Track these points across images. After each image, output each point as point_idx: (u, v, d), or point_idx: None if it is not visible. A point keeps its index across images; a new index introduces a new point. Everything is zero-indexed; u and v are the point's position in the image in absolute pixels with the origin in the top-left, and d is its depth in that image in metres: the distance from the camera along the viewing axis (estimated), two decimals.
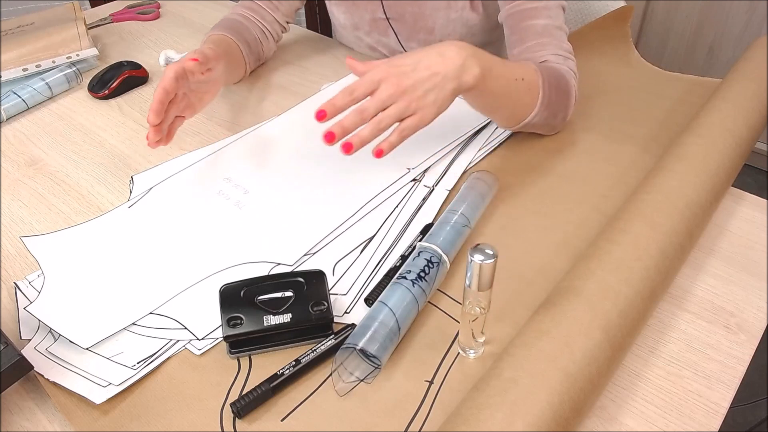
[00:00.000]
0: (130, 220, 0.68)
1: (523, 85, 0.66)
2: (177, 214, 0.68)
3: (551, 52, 0.73)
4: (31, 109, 0.90)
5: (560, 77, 0.71)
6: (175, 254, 0.63)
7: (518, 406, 0.40)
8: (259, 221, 0.66)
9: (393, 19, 0.91)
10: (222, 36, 0.86)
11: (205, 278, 0.60)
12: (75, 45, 0.97)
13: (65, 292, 0.59)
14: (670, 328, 0.54)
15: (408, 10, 0.89)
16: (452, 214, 0.61)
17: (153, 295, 0.58)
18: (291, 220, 0.66)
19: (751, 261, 0.60)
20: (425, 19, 0.88)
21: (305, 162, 0.75)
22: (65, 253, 0.64)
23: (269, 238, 0.64)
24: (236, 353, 0.53)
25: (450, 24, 0.88)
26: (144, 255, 0.63)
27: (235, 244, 0.63)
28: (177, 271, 0.61)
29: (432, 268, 0.55)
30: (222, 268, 0.61)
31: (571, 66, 0.74)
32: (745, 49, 0.78)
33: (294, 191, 0.70)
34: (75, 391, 0.50)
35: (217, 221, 0.67)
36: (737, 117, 0.64)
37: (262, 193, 0.70)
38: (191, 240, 0.64)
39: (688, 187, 0.56)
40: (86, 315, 0.56)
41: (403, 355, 0.52)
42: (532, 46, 0.74)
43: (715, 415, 0.47)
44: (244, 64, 0.89)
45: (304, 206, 0.68)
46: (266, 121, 0.83)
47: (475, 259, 0.44)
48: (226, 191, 0.71)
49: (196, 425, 0.48)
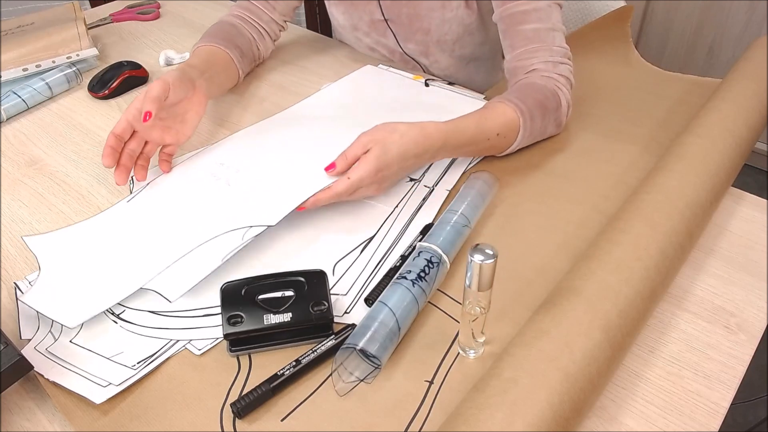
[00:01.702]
0: (128, 213, 0.69)
1: (496, 139, 0.69)
2: (173, 201, 0.69)
3: (541, 60, 0.73)
4: (31, 109, 0.90)
5: (545, 97, 0.71)
6: (167, 234, 0.64)
7: (518, 406, 0.40)
8: (245, 193, 0.67)
9: (391, 20, 0.91)
10: (209, 48, 0.85)
11: (191, 250, 0.61)
12: (75, 45, 0.97)
13: (59, 283, 0.60)
14: (670, 328, 0.54)
15: (404, 11, 0.89)
16: (452, 214, 0.61)
17: (141, 273, 0.59)
18: (275, 187, 0.67)
19: (751, 261, 0.60)
20: (421, 20, 0.88)
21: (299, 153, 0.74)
22: (64, 251, 0.64)
23: (254, 203, 0.65)
24: (236, 351, 0.53)
25: (446, 24, 0.88)
26: (138, 241, 0.64)
27: (222, 215, 0.64)
28: (166, 248, 0.62)
29: (432, 268, 0.55)
30: (208, 239, 0.62)
31: (563, 71, 0.73)
32: (745, 49, 0.78)
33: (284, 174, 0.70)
34: (75, 391, 0.50)
35: (208, 199, 0.68)
36: (737, 117, 0.64)
37: (253, 171, 0.71)
38: (182, 219, 0.65)
39: (688, 187, 0.56)
40: (74, 297, 0.57)
41: (403, 355, 0.52)
42: (521, 54, 0.74)
43: (715, 415, 0.47)
44: (236, 70, 0.88)
45: (289, 174, 0.69)
46: (264, 117, 0.84)
47: (475, 259, 0.44)
48: (219, 173, 0.72)
49: (196, 425, 0.48)
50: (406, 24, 0.90)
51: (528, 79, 0.73)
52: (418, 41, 0.92)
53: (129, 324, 0.56)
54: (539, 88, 0.72)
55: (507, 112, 0.69)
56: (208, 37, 0.87)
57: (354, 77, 0.92)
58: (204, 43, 0.86)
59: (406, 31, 0.91)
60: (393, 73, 0.92)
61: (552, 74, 0.73)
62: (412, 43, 0.93)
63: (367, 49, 1.00)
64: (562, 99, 0.73)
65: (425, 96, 0.85)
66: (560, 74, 0.73)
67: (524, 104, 0.69)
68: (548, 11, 0.73)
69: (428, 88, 0.87)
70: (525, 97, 0.70)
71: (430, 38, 0.91)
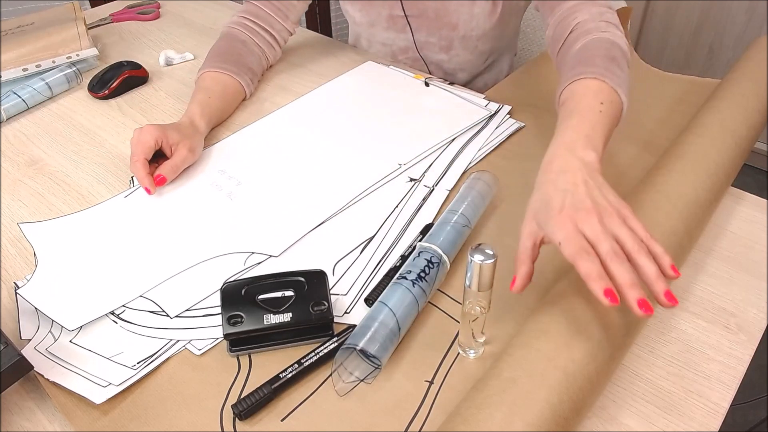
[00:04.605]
0: (125, 209, 0.69)
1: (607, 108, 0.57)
2: (171, 203, 0.69)
3: (584, 13, 0.66)
4: (31, 109, 0.90)
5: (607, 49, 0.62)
6: (167, 242, 0.64)
7: (517, 406, 0.40)
8: (249, 212, 0.67)
9: (412, 16, 0.90)
10: (218, 76, 0.82)
11: (193, 266, 0.61)
12: (75, 45, 0.97)
13: (56, 277, 0.60)
14: (670, 328, 0.54)
15: (430, 5, 0.88)
16: (452, 214, 0.61)
17: (141, 280, 0.59)
18: (280, 211, 0.67)
19: (751, 261, 0.60)
20: (449, 15, 0.88)
21: (298, 155, 0.75)
22: (60, 240, 0.65)
23: (258, 228, 0.65)
24: (236, 351, 0.53)
25: (473, 19, 0.88)
26: (136, 242, 0.64)
27: (225, 234, 0.64)
28: (166, 259, 0.61)
29: (432, 268, 0.55)
30: (210, 257, 0.62)
31: (609, 18, 0.66)
32: (745, 49, 0.78)
33: (285, 183, 0.71)
34: (75, 391, 0.50)
35: (209, 211, 0.68)
36: (737, 117, 0.64)
37: (254, 184, 0.71)
38: (183, 228, 0.65)
39: (687, 187, 0.56)
40: (74, 298, 0.57)
41: (403, 355, 0.52)
42: (561, 13, 0.68)
43: (715, 415, 0.47)
44: (243, 95, 0.87)
45: (294, 198, 0.69)
46: (263, 116, 0.84)
47: (475, 259, 0.44)
48: (220, 183, 0.72)
49: (196, 425, 0.48)
50: (432, 18, 0.89)
51: (579, 43, 0.65)
52: (442, 36, 0.91)
53: (129, 324, 0.56)
54: (596, 46, 0.63)
55: (587, 84, 0.59)
56: (218, 59, 0.84)
57: (355, 73, 0.92)
58: (213, 68, 0.83)
59: (430, 25, 0.91)
60: (394, 70, 0.92)
61: (599, 24, 0.65)
62: (435, 37, 0.92)
63: (379, 44, 1.00)
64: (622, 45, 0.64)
65: (425, 96, 0.85)
66: (608, 22, 0.66)
67: (596, 66, 0.60)
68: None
69: (428, 88, 0.87)
70: (590, 62, 0.61)
71: (455, 34, 0.90)
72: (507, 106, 0.82)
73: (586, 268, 0.43)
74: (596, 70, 0.59)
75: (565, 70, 0.63)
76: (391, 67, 0.93)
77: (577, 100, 0.58)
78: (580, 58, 0.62)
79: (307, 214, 0.66)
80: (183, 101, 0.89)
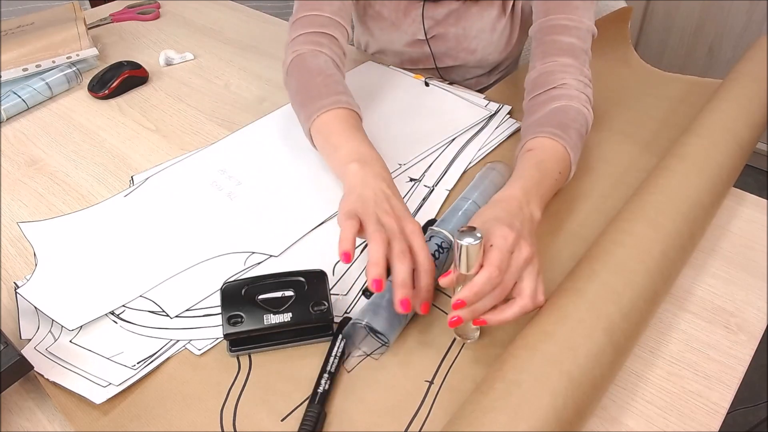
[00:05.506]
0: (124, 208, 0.69)
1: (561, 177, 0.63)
2: (170, 203, 0.69)
3: (573, 77, 0.70)
4: (31, 109, 0.90)
5: (581, 124, 0.67)
6: (166, 242, 0.64)
7: (522, 409, 0.40)
8: (249, 212, 0.67)
9: (433, 38, 0.91)
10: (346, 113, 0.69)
11: (193, 266, 0.61)
12: (75, 45, 0.97)
13: (56, 277, 0.60)
14: (670, 329, 0.54)
15: (451, 31, 0.90)
16: (464, 202, 0.61)
17: (140, 280, 0.59)
18: (280, 211, 0.67)
19: (751, 261, 0.60)
20: (469, 41, 0.90)
21: (298, 155, 0.75)
22: (60, 240, 0.65)
23: (258, 228, 0.65)
24: (236, 351, 0.53)
25: (491, 45, 0.90)
26: (136, 242, 0.64)
27: (225, 234, 0.64)
28: (166, 259, 0.62)
29: (442, 253, 0.56)
30: (210, 257, 0.62)
31: (589, 94, 0.71)
32: (745, 49, 0.78)
33: (285, 183, 0.71)
34: (75, 391, 0.50)
35: (209, 211, 0.68)
36: (738, 117, 0.64)
37: (254, 184, 0.71)
38: (183, 228, 0.66)
39: (690, 188, 0.56)
40: (74, 298, 0.57)
41: (403, 355, 0.52)
42: (553, 65, 0.71)
43: (715, 415, 0.47)
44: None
45: (294, 198, 0.69)
46: (263, 116, 0.84)
47: (463, 242, 0.45)
48: (220, 182, 0.72)
49: (196, 425, 0.48)
50: (453, 43, 0.91)
51: (560, 102, 0.68)
52: (459, 59, 0.93)
53: (129, 324, 0.55)
54: (574, 116, 0.67)
55: (557, 149, 0.64)
56: (334, 94, 0.70)
57: (355, 73, 0.92)
58: (337, 105, 0.68)
59: (448, 48, 0.92)
60: (394, 70, 0.92)
61: (581, 95, 0.69)
62: (451, 60, 0.94)
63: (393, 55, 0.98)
64: (589, 120, 0.70)
65: (425, 97, 0.85)
66: (588, 97, 0.70)
67: (568, 136, 0.64)
68: (587, 34, 0.73)
69: (428, 88, 0.87)
70: (566, 129, 0.65)
71: (473, 57, 0.92)
72: (507, 106, 0.82)
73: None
74: (568, 141, 0.64)
75: (541, 119, 0.67)
76: (391, 67, 0.93)
77: (545, 158, 0.63)
78: (559, 119, 0.66)
79: (307, 213, 0.66)
80: (183, 101, 0.89)
